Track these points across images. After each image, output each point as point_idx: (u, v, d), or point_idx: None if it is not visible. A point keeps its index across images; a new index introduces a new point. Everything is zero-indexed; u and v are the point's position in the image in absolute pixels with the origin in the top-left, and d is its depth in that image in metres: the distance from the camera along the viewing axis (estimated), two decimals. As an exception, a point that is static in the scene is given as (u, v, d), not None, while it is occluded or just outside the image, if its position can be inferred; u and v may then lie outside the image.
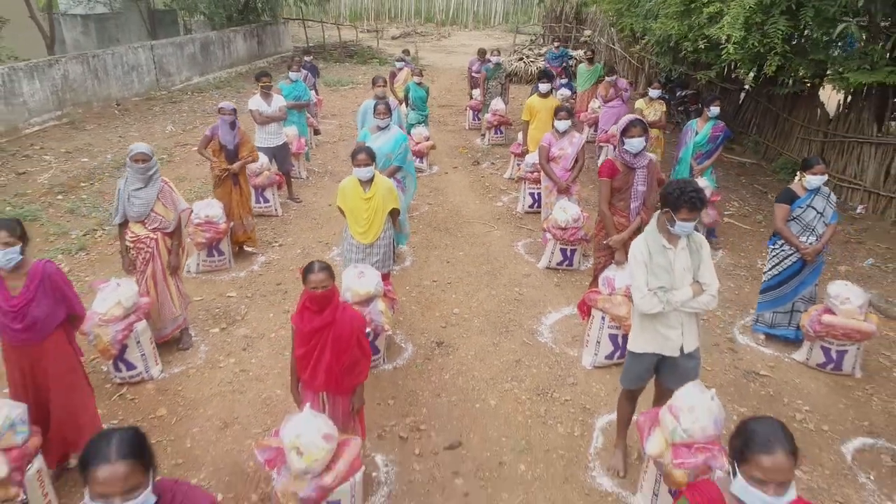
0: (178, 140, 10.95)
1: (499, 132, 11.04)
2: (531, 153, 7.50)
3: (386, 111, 5.64)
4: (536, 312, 5.51)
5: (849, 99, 8.60)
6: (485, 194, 8.63)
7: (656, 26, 8.72)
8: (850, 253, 6.87)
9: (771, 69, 6.96)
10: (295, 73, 8.87)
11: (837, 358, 4.64)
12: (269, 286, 5.90)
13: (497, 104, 10.79)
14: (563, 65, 13.33)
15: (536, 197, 7.65)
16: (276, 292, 5.79)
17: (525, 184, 7.81)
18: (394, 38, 27.08)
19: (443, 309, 5.56)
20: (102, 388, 4.36)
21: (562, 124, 6.29)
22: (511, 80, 15.19)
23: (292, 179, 8.20)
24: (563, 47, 14.82)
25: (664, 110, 8.37)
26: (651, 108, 8.19)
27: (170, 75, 14.89)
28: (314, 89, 10.86)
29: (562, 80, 12.18)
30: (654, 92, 8.26)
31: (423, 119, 9.58)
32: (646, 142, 4.48)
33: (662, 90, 8.85)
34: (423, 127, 9.48)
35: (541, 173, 6.77)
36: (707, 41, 7.38)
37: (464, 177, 9.37)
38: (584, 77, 11.42)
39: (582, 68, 11.60)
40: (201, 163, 9.43)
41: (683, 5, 7.75)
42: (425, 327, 5.26)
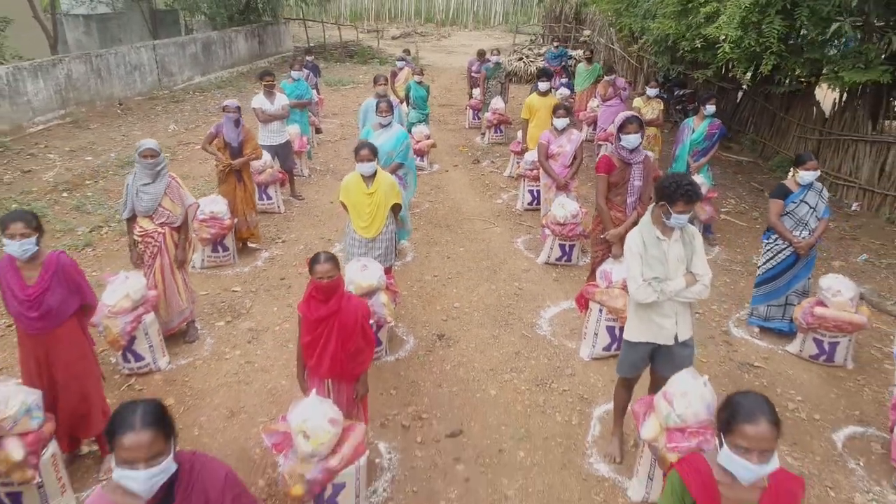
0: (180, 139, 11.05)
1: (498, 131, 11.14)
2: (531, 151, 7.61)
3: (388, 109, 5.75)
4: (535, 306, 5.62)
5: (844, 98, 8.71)
6: (485, 192, 8.74)
7: (654, 26, 8.84)
8: (844, 249, 6.98)
9: (767, 68, 7.07)
10: (297, 72, 8.98)
11: (830, 349, 4.75)
12: (273, 281, 6.01)
13: (497, 103, 10.90)
14: (563, 64, 13.45)
15: (536, 194, 7.76)
16: (280, 287, 5.90)
17: (524, 181, 7.91)
18: (394, 39, 27.20)
19: (444, 303, 5.67)
20: (111, 378, 4.46)
21: (560, 122, 6.39)
22: (511, 79, 15.30)
23: (295, 177, 8.31)
24: (563, 47, 14.94)
25: (662, 109, 8.48)
26: (649, 106, 8.29)
27: (172, 75, 14.99)
28: (316, 88, 10.97)
29: (561, 80, 12.31)
30: (651, 91, 8.37)
31: (423, 118, 9.68)
32: (641, 138, 4.59)
33: (660, 89, 8.97)
34: (424, 125, 9.58)
35: (540, 170, 6.88)
36: (704, 40, 7.50)
37: (464, 175, 9.48)
38: (583, 76, 11.54)
39: (581, 67, 11.72)
40: (204, 161, 9.54)
41: (681, 5, 7.86)
42: (427, 320, 5.37)
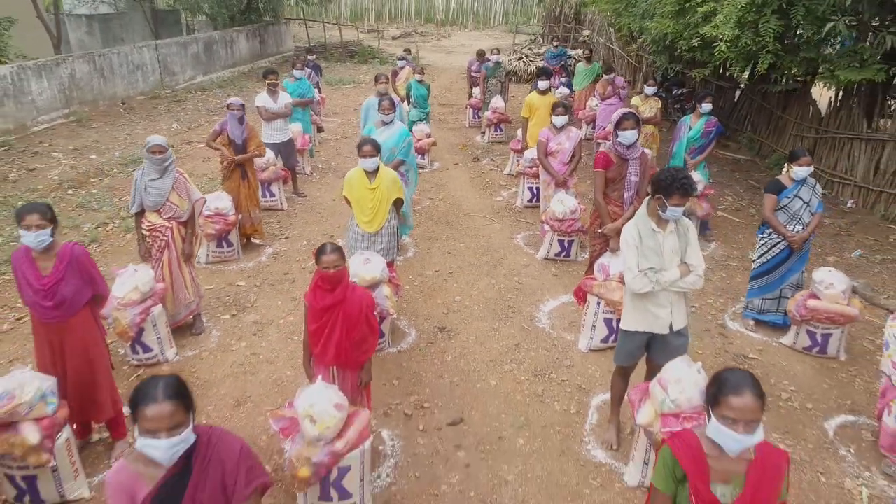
0: (183, 137, 11.16)
1: (498, 129, 11.25)
2: (531, 149, 7.72)
3: (391, 107, 5.85)
4: (535, 300, 5.72)
5: (840, 96, 8.81)
6: (485, 189, 8.85)
7: (652, 25, 8.95)
8: (839, 245, 7.09)
9: (763, 67, 7.17)
10: (299, 72, 9.09)
11: (822, 341, 4.85)
12: (277, 276, 6.11)
13: (497, 102, 11.00)
14: (562, 64, 13.56)
15: (535, 191, 7.86)
16: (284, 281, 6.00)
17: (524, 178, 8.02)
18: (394, 39, 27.31)
19: (445, 297, 5.77)
20: (120, 369, 4.56)
21: (559, 120, 6.50)
22: (511, 79, 15.41)
23: (297, 175, 8.41)
24: (562, 47, 15.06)
25: (659, 107, 8.58)
26: (646, 104, 8.40)
27: (174, 74, 15.10)
28: (317, 88, 11.08)
29: (561, 79, 12.42)
30: (649, 89, 8.48)
31: (424, 116, 9.79)
32: (638, 134, 4.69)
33: (659, 88, 9.07)
34: (425, 124, 9.69)
35: (539, 167, 6.98)
36: (701, 40, 7.58)
37: (464, 173, 9.58)
38: (582, 75, 11.64)
39: (580, 67, 11.83)
40: (207, 159, 9.65)
41: (678, 5, 7.96)
42: (428, 314, 5.47)
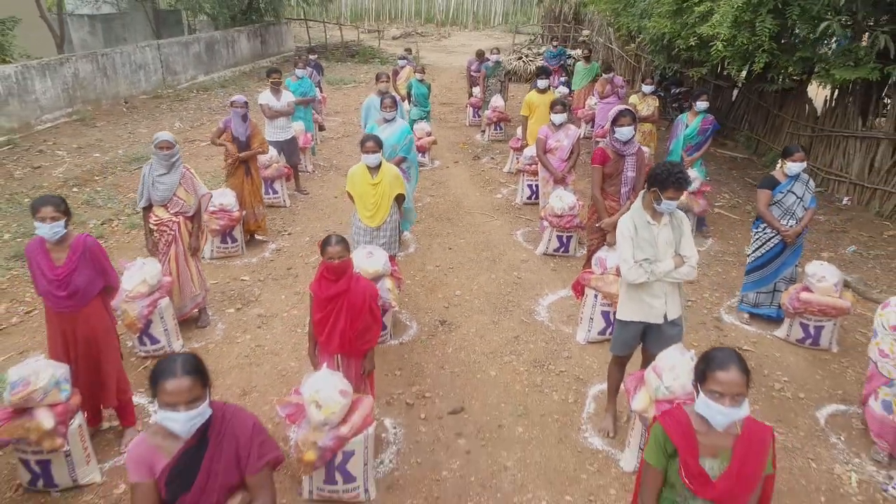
0: (185, 136, 11.26)
1: (498, 128, 11.36)
2: (530, 147, 7.82)
3: (392, 104, 5.96)
4: (534, 294, 5.83)
5: (835, 95, 8.92)
6: (485, 187, 8.96)
7: (650, 25, 9.05)
8: (833, 241, 7.19)
9: (759, 66, 7.28)
10: (301, 71, 9.19)
11: (815, 333, 4.96)
12: (281, 271, 6.22)
13: (496, 101, 11.11)
14: (562, 63, 13.67)
15: (534, 189, 7.97)
16: (287, 276, 6.11)
17: (523, 176, 8.13)
18: (394, 39, 27.41)
19: (445, 291, 5.88)
20: (128, 360, 4.65)
21: (557, 117, 6.61)
22: (510, 78, 15.52)
23: (299, 173, 8.52)
24: (561, 46, 15.16)
25: (657, 105, 8.69)
26: (644, 103, 8.50)
27: (176, 74, 15.21)
28: (319, 87, 11.18)
29: (560, 79, 12.53)
30: (647, 88, 8.58)
31: (424, 115, 9.89)
32: (634, 131, 4.80)
33: (657, 87, 9.17)
34: (425, 122, 9.79)
35: (538, 165, 7.09)
36: (698, 39, 7.69)
37: (464, 171, 9.69)
38: (581, 75, 11.75)
39: (579, 66, 11.94)
40: (210, 157, 9.77)
41: (675, 4, 8.07)
42: (429, 307, 5.58)
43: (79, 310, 3.50)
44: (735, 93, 11.90)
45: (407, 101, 9.89)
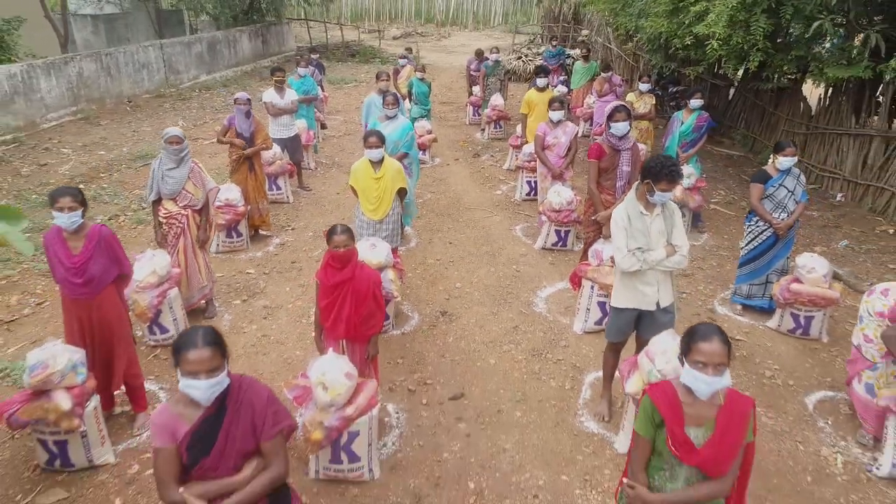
0: (189, 135, 11.32)
1: (498, 126, 11.50)
2: (529, 144, 7.96)
3: (394, 102, 6.12)
4: (532, 287, 5.97)
5: (829, 93, 9.06)
6: (484, 184, 9.10)
7: (647, 25, 9.20)
8: (826, 236, 7.34)
9: (753, 65, 7.42)
10: (303, 69, 9.35)
11: (805, 323, 5.11)
12: (285, 264, 6.36)
13: (496, 100, 11.26)
14: (561, 63, 13.82)
15: (533, 185, 8.11)
16: (292, 269, 6.25)
17: (522, 173, 8.27)
18: (395, 39, 27.56)
19: (446, 283, 6.02)
20: (138, 349, 4.72)
21: (555, 115, 6.75)
22: (510, 78, 15.67)
23: (302, 170, 8.66)
24: (561, 46, 15.31)
25: (654, 103, 8.83)
26: (641, 101, 8.65)
27: (178, 73, 15.36)
28: (320, 86, 11.33)
29: (559, 78, 12.68)
30: (643, 86, 8.73)
31: (425, 113, 10.04)
32: (630, 126, 4.95)
33: (655, 86, 9.31)
34: (426, 121, 9.94)
35: (536, 160, 7.23)
36: (694, 38, 7.83)
37: (464, 168, 9.84)
38: (580, 74, 11.89)
39: (578, 65, 12.08)
40: (213, 155, 9.92)
41: (672, 4, 8.21)
42: (430, 299, 5.72)
43: (93, 297, 3.64)
44: (732, 91, 12.05)
45: (408, 99, 10.04)
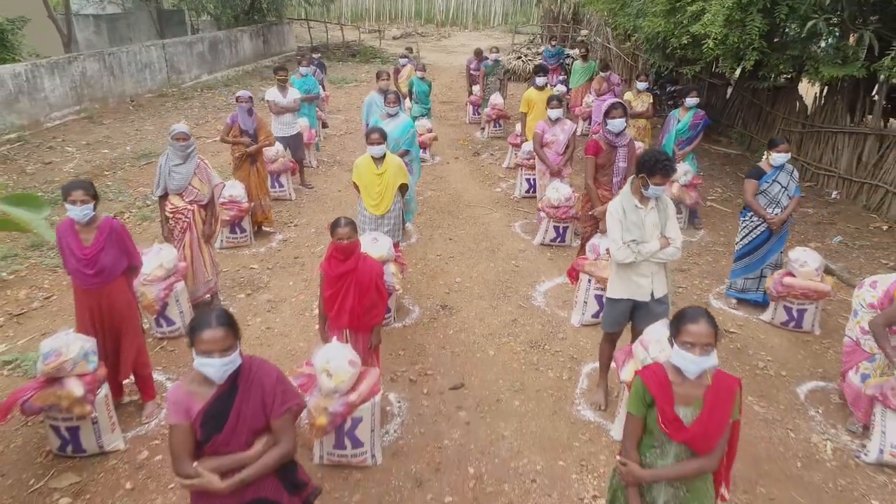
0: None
1: (497, 125, 11.61)
2: (529, 142, 8.07)
3: (396, 100, 6.25)
4: (531, 281, 6.08)
5: (825, 92, 9.17)
6: (484, 181, 9.22)
7: (645, 24, 9.31)
8: (821, 232, 7.45)
9: (749, 64, 7.53)
10: (305, 68, 9.46)
11: (798, 316, 5.22)
12: (288, 259, 6.48)
13: (496, 99, 11.37)
14: (560, 62, 13.93)
15: (532, 183, 8.22)
16: (294, 264, 6.37)
17: (521, 170, 8.38)
18: (395, 39, 27.68)
19: (446, 278, 6.13)
20: (146, 340, 4.91)
21: (554, 113, 6.86)
22: (510, 77, 15.78)
23: (304, 168, 8.77)
24: (560, 46, 15.43)
25: (651, 102, 8.94)
26: (639, 99, 8.76)
27: (180, 73, 15.48)
28: (322, 85, 11.44)
29: (559, 78, 12.79)
30: (641, 84, 8.83)
31: (425, 112, 10.16)
32: (626, 122, 5.06)
33: (653, 85, 9.42)
34: (426, 119, 10.05)
35: (535, 158, 7.34)
36: (691, 38, 7.94)
37: (464, 166, 9.95)
38: (579, 73, 12.00)
39: (576, 65, 12.20)
40: (216, 153, 10.02)
41: (669, 4, 8.32)
42: (431, 293, 5.83)
43: (104, 287, 3.75)
44: (729, 90, 12.16)
45: (408, 98, 10.15)
